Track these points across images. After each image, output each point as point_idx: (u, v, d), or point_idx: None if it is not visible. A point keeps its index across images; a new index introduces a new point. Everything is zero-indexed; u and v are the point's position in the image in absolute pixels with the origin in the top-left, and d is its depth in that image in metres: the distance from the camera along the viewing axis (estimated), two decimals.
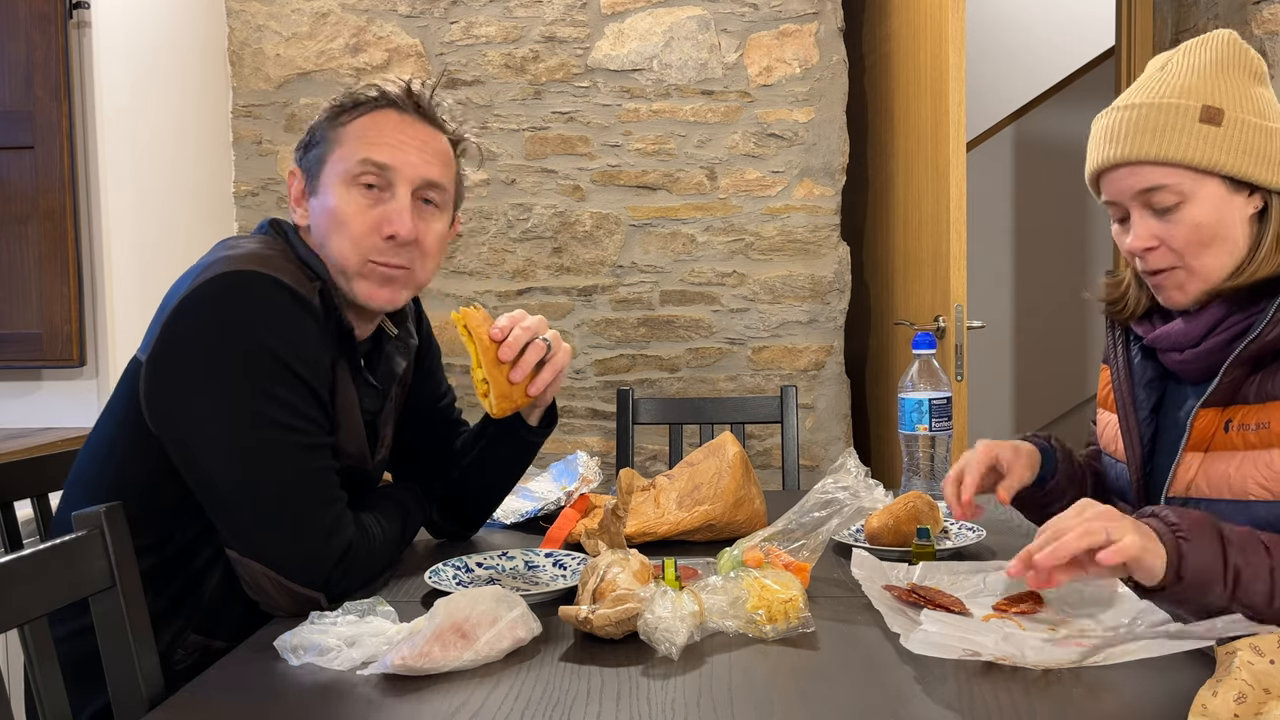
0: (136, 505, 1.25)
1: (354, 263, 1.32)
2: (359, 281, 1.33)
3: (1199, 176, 1.21)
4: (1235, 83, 1.23)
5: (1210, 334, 1.24)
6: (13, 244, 2.44)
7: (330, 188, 1.33)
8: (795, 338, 3.22)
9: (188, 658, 1.28)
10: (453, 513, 1.58)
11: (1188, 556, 1.03)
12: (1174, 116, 1.21)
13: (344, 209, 1.31)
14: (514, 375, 1.35)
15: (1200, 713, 0.85)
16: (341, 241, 1.32)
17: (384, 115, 1.34)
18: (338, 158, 1.33)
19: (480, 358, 1.34)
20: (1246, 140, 1.21)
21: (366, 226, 1.31)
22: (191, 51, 3.01)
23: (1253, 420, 1.19)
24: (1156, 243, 1.24)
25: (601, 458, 2.92)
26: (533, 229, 3.20)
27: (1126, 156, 1.23)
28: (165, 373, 1.23)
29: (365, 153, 1.31)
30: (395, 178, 1.32)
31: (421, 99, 1.36)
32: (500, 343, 1.34)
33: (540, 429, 1.50)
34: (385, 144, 1.32)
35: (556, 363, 1.39)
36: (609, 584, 1.12)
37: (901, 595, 1.16)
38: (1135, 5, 3.60)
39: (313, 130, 1.37)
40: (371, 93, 1.35)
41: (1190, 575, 1.03)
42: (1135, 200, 1.25)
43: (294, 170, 1.39)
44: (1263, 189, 1.22)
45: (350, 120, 1.34)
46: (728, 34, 3.17)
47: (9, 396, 2.54)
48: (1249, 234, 1.23)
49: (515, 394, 1.36)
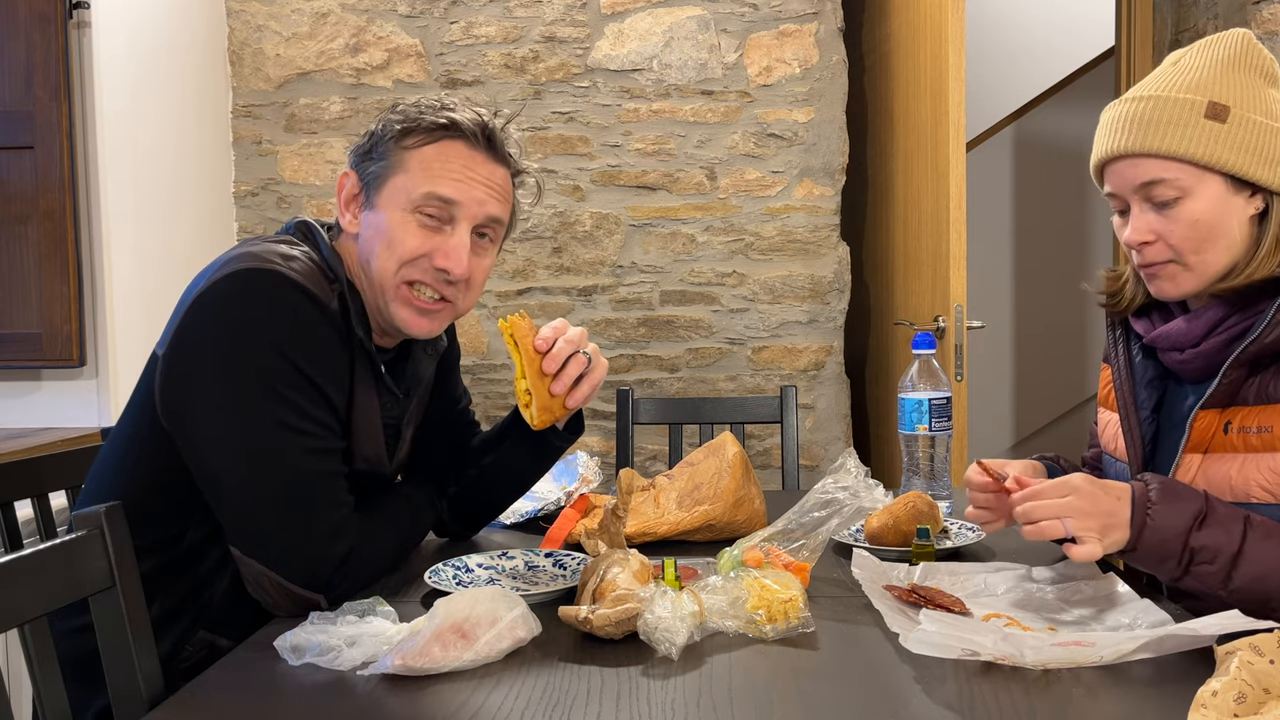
0: (149, 500, 1.26)
1: (392, 282, 1.31)
2: (397, 307, 1.33)
3: (1200, 173, 1.21)
4: (1245, 81, 1.23)
5: (1210, 334, 1.24)
6: (13, 244, 2.44)
7: (389, 209, 1.32)
8: (795, 338, 3.22)
9: (194, 655, 1.29)
10: (462, 511, 1.58)
11: (1145, 534, 1.13)
12: (1179, 111, 1.21)
13: (397, 233, 1.31)
14: (555, 387, 1.36)
15: (1200, 713, 0.85)
16: (387, 261, 1.31)
17: (452, 147, 1.32)
18: (402, 183, 1.31)
19: (525, 369, 1.35)
20: (1251, 139, 1.20)
21: (419, 249, 1.31)
22: (191, 51, 3.01)
23: (1253, 423, 1.19)
24: (1154, 237, 1.24)
25: (601, 458, 2.93)
26: (533, 229, 3.20)
27: (1129, 148, 1.23)
28: (177, 368, 1.24)
29: (431, 186, 1.30)
30: (458, 213, 1.32)
31: (495, 135, 1.35)
32: (544, 354, 1.35)
33: (567, 434, 1.51)
34: (451, 179, 1.31)
35: (595, 377, 1.40)
36: (609, 584, 1.13)
37: (902, 595, 1.16)
38: (1135, 5, 3.60)
39: (375, 139, 1.34)
40: (443, 120, 1.32)
41: (1143, 549, 1.13)
42: (1136, 193, 1.25)
43: (349, 173, 1.37)
44: (1265, 190, 1.22)
45: (418, 146, 1.32)
46: (728, 34, 3.17)
47: (9, 396, 2.54)
48: (1248, 234, 1.23)
49: (555, 406, 1.37)
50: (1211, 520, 1.12)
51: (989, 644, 0.99)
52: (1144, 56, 3.59)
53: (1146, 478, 1.16)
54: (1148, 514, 1.12)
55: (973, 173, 4.37)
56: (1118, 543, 1.13)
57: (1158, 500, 1.13)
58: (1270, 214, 1.22)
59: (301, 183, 3.22)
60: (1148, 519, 1.12)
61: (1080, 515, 1.12)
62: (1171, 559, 1.12)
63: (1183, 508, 1.13)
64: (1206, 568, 1.12)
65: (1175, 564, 1.12)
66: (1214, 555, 1.11)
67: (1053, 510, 1.13)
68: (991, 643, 0.99)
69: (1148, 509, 1.13)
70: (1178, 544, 1.12)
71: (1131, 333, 1.38)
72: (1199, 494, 1.15)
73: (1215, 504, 1.14)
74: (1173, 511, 1.12)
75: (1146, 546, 1.12)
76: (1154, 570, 1.15)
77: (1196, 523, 1.12)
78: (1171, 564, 1.13)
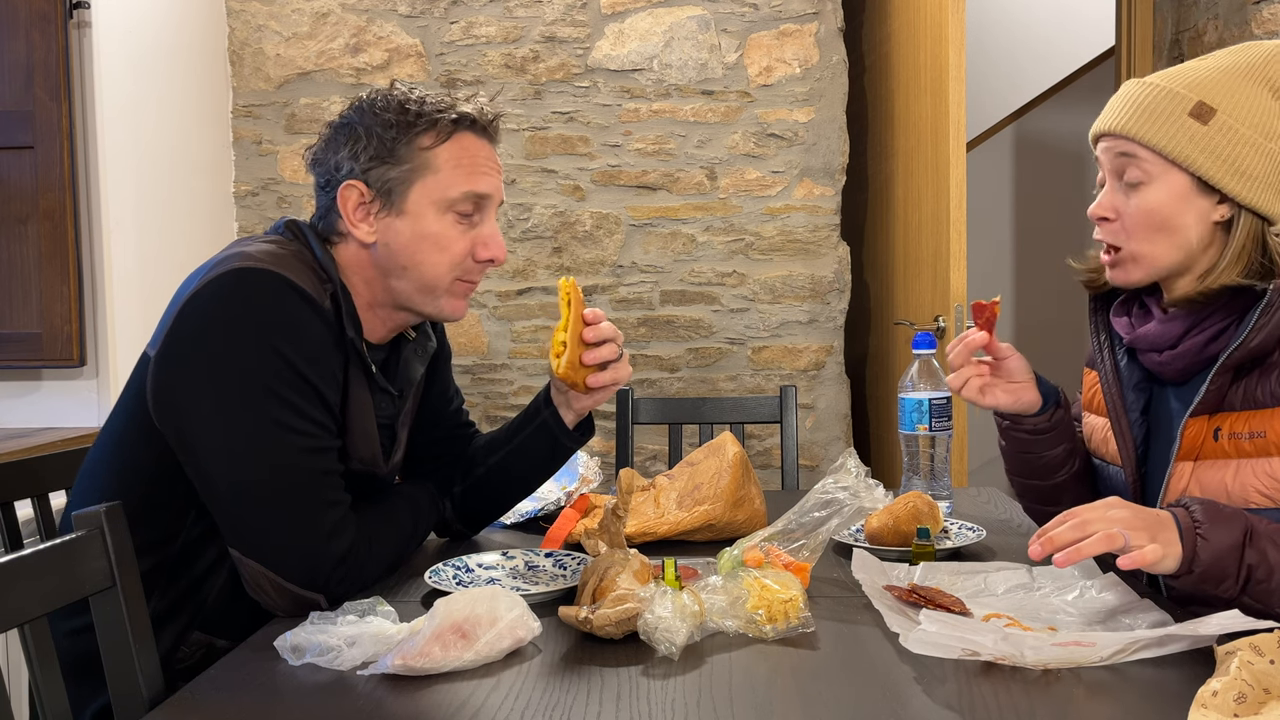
0: (142, 500, 1.26)
1: (447, 282, 1.36)
2: (447, 299, 1.37)
3: (1168, 165, 1.23)
4: (1247, 91, 1.22)
5: (1187, 335, 1.25)
6: (13, 244, 2.44)
7: (423, 213, 1.32)
8: (795, 338, 3.22)
9: (191, 655, 1.29)
10: (466, 510, 1.58)
11: (1200, 554, 1.08)
12: (1168, 103, 1.23)
13: (444, 234, 1.34)
14: (587, 357, 1.41)
15: (1200, 713, 0.85)
16: (439, 264, 1.34)
17: (469, 140, 1.35)
18: (433, 185, 1.32)
19: (570, 325, 1.40)
20: (1227, 147, 1.20)
21: (465, 250, 1.35)
22: (191, 51, 3.01)
23: (1244, 428, 1.19)
24: (1113, 215, 1.27)
25: (601, 458, 2.92)
26: (533, 229, 3.20)
27: (1113, 128, 1.26)
28: (170, 369, 1.24)
29: (468, 185, 1.33)
30: (487, 204, 1.37)
31: (497, 123, 1.40)
32: (589, 325, 1.40)
33: (577, 434, 1.51)
34: (482, 174, 1.36)
35: (618, 373, 1.43)
36: (609, 584, 1.13)
37: (902, 595, 1.16)
38: (1135, 5, 3.60)
39: (382, 143, 1.31)
40: (451, 115, 1.33)
41: (1201, 570, 1.08)
42: (1112, 168, 1.28)
43: (354, 184, 1.32)
44: (1232, 199, 1.22)
45: (435, 144, 1.32)
46: (728, 34, 3.17)
47: (9, 396, 2.54)
48: (1207, 237, 1.23)
49: (580, 373, 1.41)
50: (1257, 537, 1.10)
51: (989, 644, 0.99)
52: (1144, 56, 3.59)
53: (1186, 501, 1.13)
54: (1198, 534, 1.09)
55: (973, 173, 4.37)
56: (1167, 568, 1.09)
57: (1204, 519, 1.10)
58: (1235, 224, 1.22)
59: (301, 183, 3.22)
60: (1199, 538, 1.08)
61: (1133, 529, 1.08)
62: (1229, 579, 1.09)
63: (1230, 527, 1.10)
64: (1264, 586, 1.09)
65: (1233, 582, 1.09)
66: (1269, 571, 1.08)
67: (1107, 522, 1.09)
68: (991, 642, 0.99)
69: (1197, 530, 1.09)
70: (1233, 563, 1.08)
71: (1116, 337, 1.38)
72: (1239, 511, 1.12)
73: (1254, 521, 1.12)
74: (1222, 532, 1.09)
75: (1204, 567, 1.08)
76: (1212, 591, 1.11)
77: (1246, 539, 1.09)
78: (1229, 583, 1.09)
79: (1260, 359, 1.19)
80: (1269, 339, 1.17)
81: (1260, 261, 1.21)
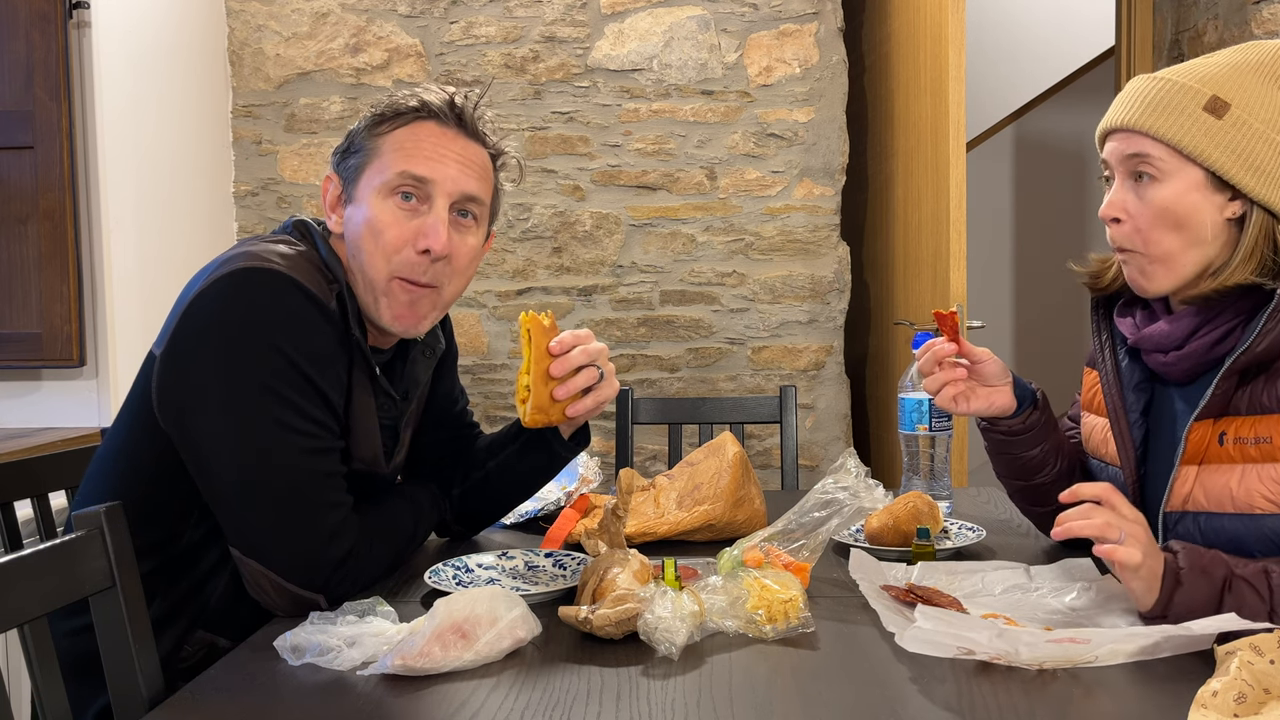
0: (145, 501, 1.26)
1: (383, 276, 1.30)
2: (384, 301, 1.31)
3: (1182, 161, 1.21)
4: (1259, 86, 1.21)
5: (1193, 336, 1.24)
6: (13, 244, 2.44)
7: (367, 198, 1.31)
8: (795, 338, 3.22)
9: (194, 655, 1.29)
10: (465, 511, 1.58)
11: (1176, 601, 1.09)
12: (1181, 97, 1.21)
13: (380, 219, 1.29)
14: (558, 392, 1.34)
15: (1200, 713, 0.85)
16: (374, 253, 1.30)
17: (424, 127, 1.32)
18: (376, 169, 1.31)
19: (531, 366, 1.34)
20: (1242, 142, 1.19)
21: (402, 239, 1.29)
22: (191, 51, 3.01)
23: (1250, 433, 1.18)
24: (1125, 215, 1.25)
25: (601, 458, 2.92)
26: (533, 229, 3.20)
27: (1126, 123, 1.24)
28: (175, 368, 1.24)
29: (404, 165, 1.30)
30: (434, 190, 1.31)
31: (464, 111, 1.35)
32: (556, 357, 1.34)
33: (572, 444, 1.50)
34: (424, 156, 1.30)
35: (602, 394, 1.38)
36: (609, 584, 1.13)
37: (899, 595, 1.16)
38: (1135, 5, 3.61)
39: (352, 136, 1.35)
40: (412, 103, 1.32)
41: (1173, 618, 1.08)
42: (1122, 166, 1.26)
43: (330, 175, 1.37)
44: (1245, 196, 1.21)
45: (390, 130, 1.32)
46: (728, 34, 3.17)
47: (9, 396, 2.54)
48: (1222, 235, 1.22)
49: (554, 411, 1.36)
50: (1237, 581, 1.10)
51: (984, 640, 0.98)
52: (1144, 56, 3.59)
53: (1174, 546, 1.14)
54: (1177, 583, 1.09)
55: (973, 173, 4.37)
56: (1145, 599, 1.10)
57: (1184, 566, 1.10)
58: (1248, 221, 1.21)
59: (301, 183, 3.22)
60: (1176, 587, 1.09)
61: (1136, 536, 1.09)
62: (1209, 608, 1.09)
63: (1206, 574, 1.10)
64: None
65: None
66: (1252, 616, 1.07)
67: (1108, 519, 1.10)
68: (986, 639, 0.98)
69: (1178, 576, 1.09)
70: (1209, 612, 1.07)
71: (1118, 336, 1.37)
72: (1218, 558, 1.12)
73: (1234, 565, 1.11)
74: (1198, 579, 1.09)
75: (1175, 616, 1.08)
76: None
77: (1224, 589, 1.09)
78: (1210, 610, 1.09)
79: (1266, 364, 1.18)
80: (1276, 343, 1.16)
81: (1272, 259, 1.20)
